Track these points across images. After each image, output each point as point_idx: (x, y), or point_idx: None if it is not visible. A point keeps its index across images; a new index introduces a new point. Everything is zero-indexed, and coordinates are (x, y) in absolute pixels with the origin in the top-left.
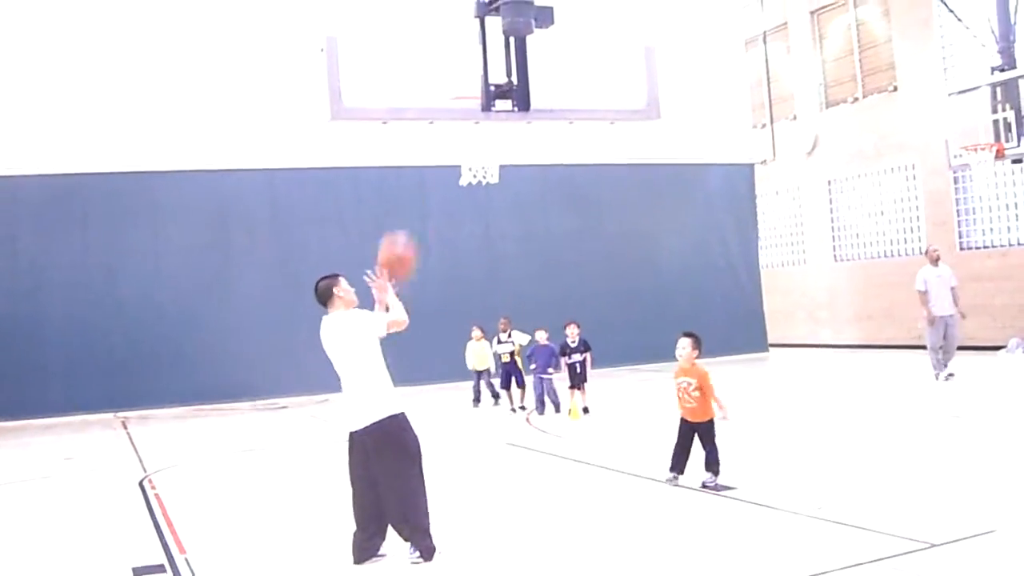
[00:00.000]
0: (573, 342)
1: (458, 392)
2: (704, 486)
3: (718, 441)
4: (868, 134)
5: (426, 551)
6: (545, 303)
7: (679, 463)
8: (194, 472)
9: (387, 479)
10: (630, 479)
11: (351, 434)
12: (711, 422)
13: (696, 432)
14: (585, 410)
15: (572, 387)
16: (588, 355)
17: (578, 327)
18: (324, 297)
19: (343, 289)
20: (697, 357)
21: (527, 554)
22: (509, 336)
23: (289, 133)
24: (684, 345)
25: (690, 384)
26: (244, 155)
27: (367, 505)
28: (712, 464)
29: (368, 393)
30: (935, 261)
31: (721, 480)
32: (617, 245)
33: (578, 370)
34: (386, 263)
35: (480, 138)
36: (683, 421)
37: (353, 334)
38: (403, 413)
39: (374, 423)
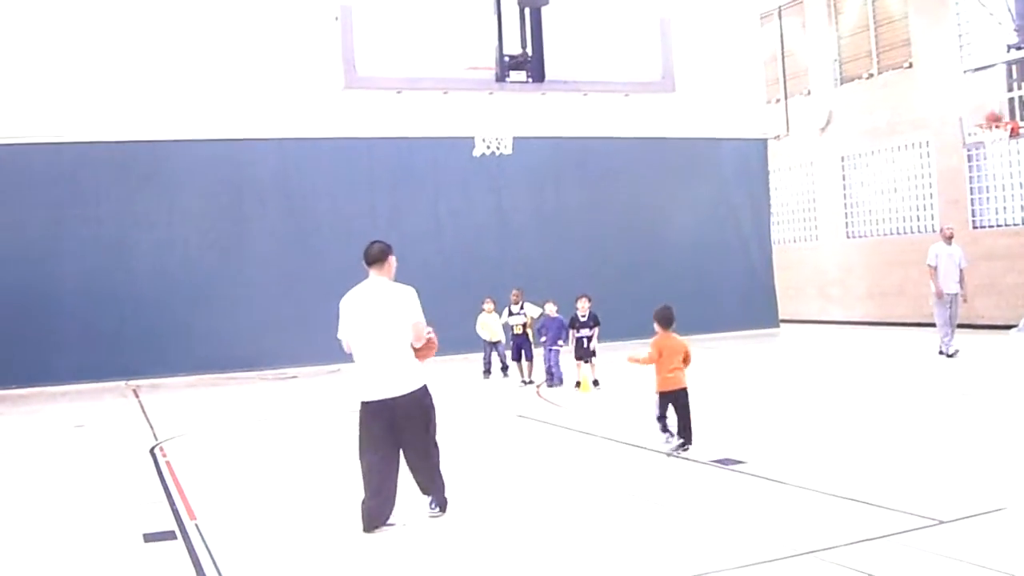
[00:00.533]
0: (584, 316)
1: (468, 363)
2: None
3: (669, 412)
4: (882, 110)
5: (443, 504)
6: (556, 275)
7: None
8: (205, 440)
9: (417, 442)
10: (640, 452)
11: (376, 401)
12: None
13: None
14: (596, 383)
15: (579, 359)
16: (596, 330)
17: (589, 301)
18: (378, 258)
19: (394, 259)
20: (663, 329)
21: (535, 523)
22: (521, 308)
23: (302, 102)
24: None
25: None
26: (257, 124)
27: (381, 473)
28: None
29: (405, 362)
30: (948, 239)
31: (730, 454)
32: (629, 218)
33: (585, 344)
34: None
35: (494, 109)
36: None
37: (404, 305)
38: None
39: (412, 391)
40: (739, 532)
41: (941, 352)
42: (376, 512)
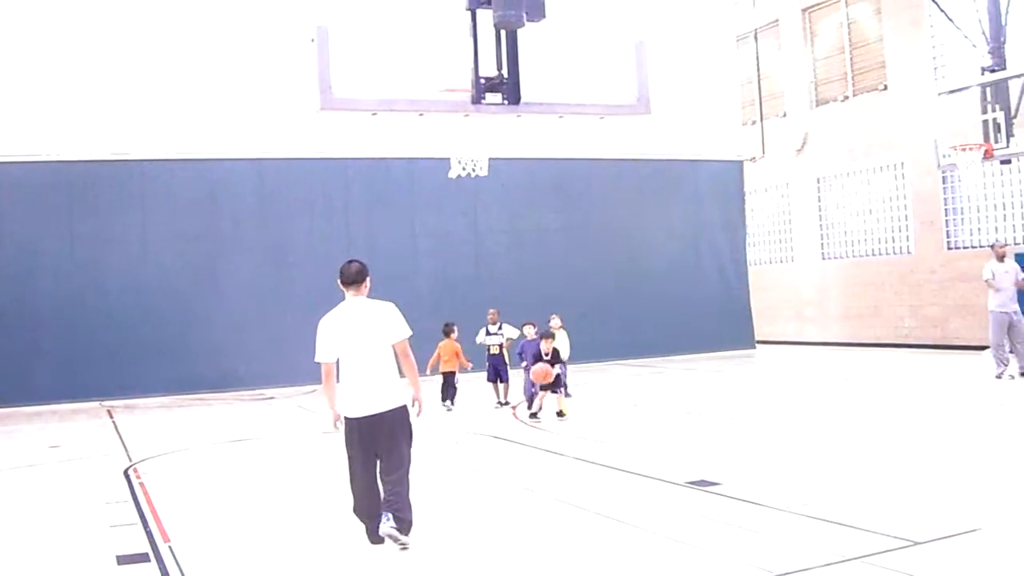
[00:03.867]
0: (547, 354)
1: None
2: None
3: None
4: (858, 132)
5: (406, 524)
6: (532, 297)
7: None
8: (180, 461)
9: (395, 458)
10: (613, 473)
11: (359, 418)
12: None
13: None
14: (560, 414)
15: (544, 390)
16: (559, 367)
17: (552, 339)
18: (358, 278)
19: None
20: (446, 336)
21: (507, 546)
22: (499, 328)
23: (278, 123)
24: None
25: None
26: (233, 144)
27: (371, 490)
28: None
29: (390, 380)
30: (1001, 257)
31: (705, 476)
32: (606, 240)
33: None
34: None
35: (470, 131)
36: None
37: (389, 323)
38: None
39: (396, 408)
40: (713, 554)
41: (997, 365)
42: (366, 515)
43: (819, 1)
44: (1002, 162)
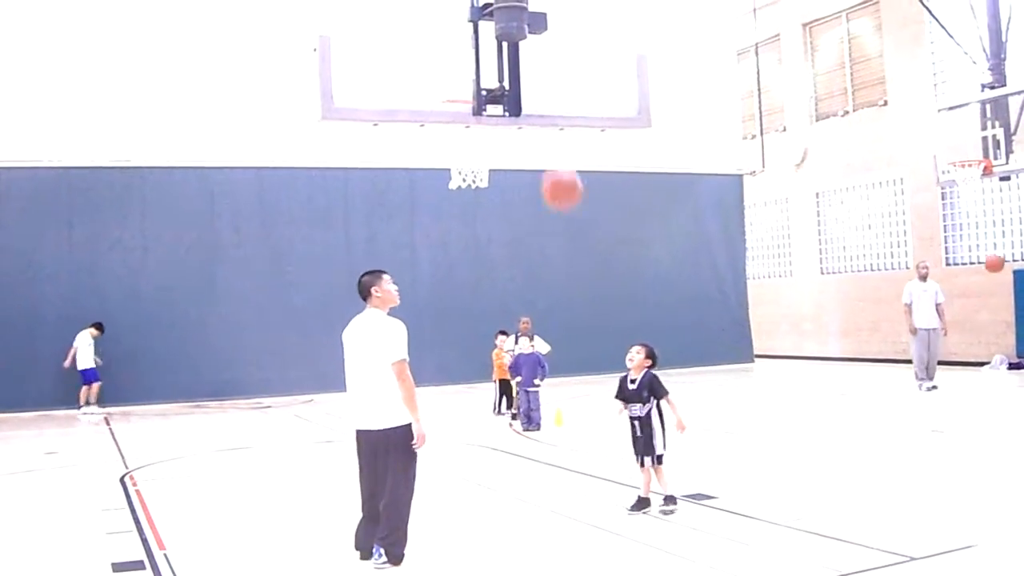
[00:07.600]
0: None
1: (443, 395)
2: None
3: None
4: (857, 148)
5: (395, 558)
6: (532, 309)
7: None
8: (176, 469)
9: (393, 480)
10: (611, 485)
11: (364, 432)
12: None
13: None
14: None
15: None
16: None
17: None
18: (362, 292)
19: (382, 289)
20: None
21: (497, 557)
22: (532, 341)
23: (279, 132)
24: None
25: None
26: (234, 153)
27: (370, 504)
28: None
29: (388, 397)
30: (923, 277)
31: (701, 489)
32: (605, 252)
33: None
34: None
35: (470, 142)
36: None
37: (386, 340)
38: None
39: (389, 428)
40: (708, 567)
41: (918, 379)
42: (364, 534)
43: (820, 16)
44: (1001, 178)
